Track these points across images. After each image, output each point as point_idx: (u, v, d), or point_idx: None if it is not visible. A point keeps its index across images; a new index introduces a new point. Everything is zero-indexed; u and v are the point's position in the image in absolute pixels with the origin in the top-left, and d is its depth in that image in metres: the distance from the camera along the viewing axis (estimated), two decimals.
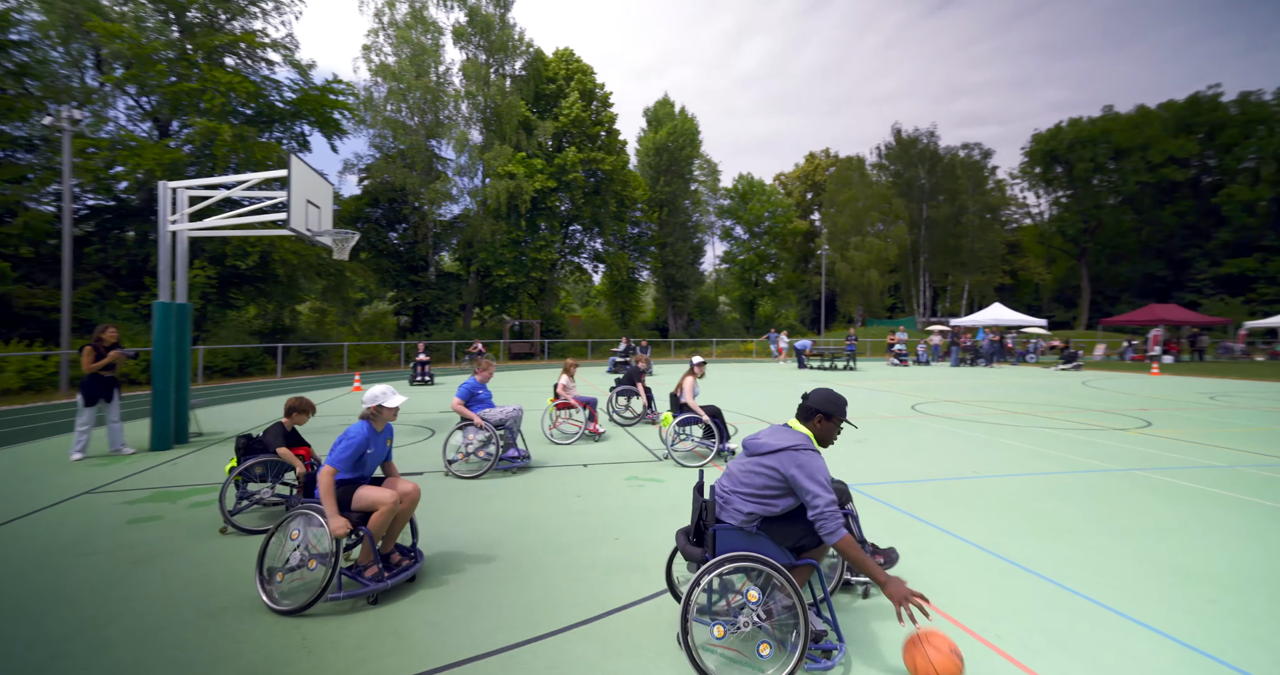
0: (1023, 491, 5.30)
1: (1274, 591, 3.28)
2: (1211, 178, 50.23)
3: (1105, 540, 4.07)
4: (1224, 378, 18.23)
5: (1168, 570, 3.56)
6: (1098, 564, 3.64)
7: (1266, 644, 2.70)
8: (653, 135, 40.47)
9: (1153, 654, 2.62)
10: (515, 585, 3.30)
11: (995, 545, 3.93)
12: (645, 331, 40.99)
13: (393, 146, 25.81)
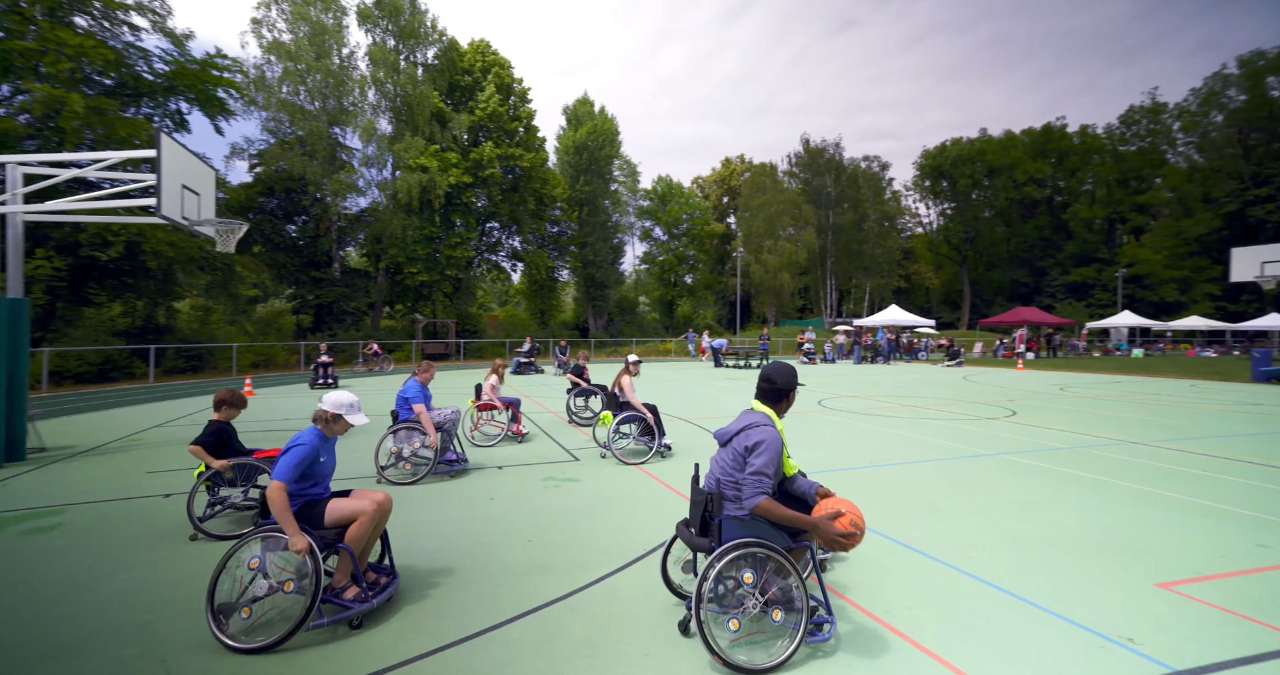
0: (909, 477, 5.83)
1: (1094, 551, 3.83)
2: (1061, 197, 57.65)
3: (972, 516, 4.57)
4: (1070, 371, 20.99)
5: (1012, 538, 4.06)
6: (963, 538, 4.07)
7: (1085, 596, 3.16)
8: (572, 134, 40.22)
9: (1008, 615, 2.98)
10: (416, 593, 3.18)
11: (883, 527, 4.29)
12: (565, 331, 40.63)
13: (290, 132, 23.72)
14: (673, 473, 5.93)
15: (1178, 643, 2.70)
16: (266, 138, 24.45)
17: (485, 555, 3.73)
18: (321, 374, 14.00)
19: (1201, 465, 6.36)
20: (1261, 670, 2.50)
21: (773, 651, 2.56)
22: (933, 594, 3.21)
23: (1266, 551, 3.87)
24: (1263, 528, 4.34)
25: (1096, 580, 3.37)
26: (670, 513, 4.57)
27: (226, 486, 4.23)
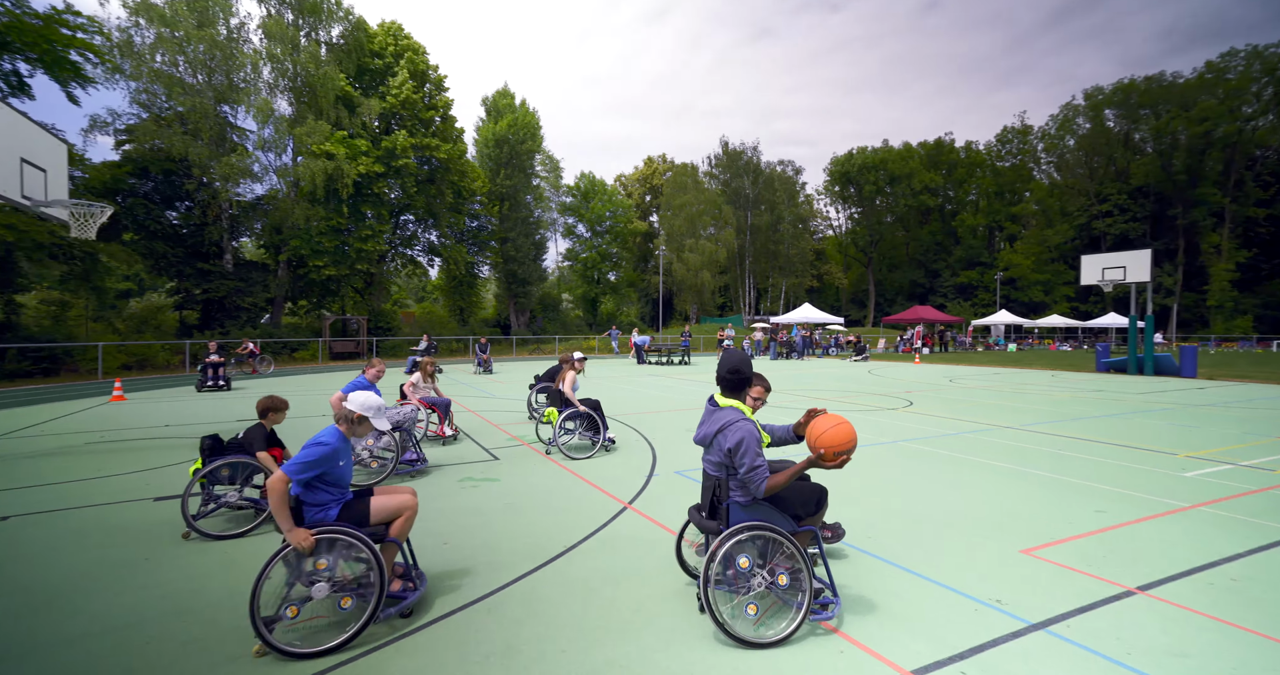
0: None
1: (973, 525, 4.29)
2: (951, 206, 63.47)
3: (874, 498, 4.95)
4: (959, 365, 23.20)
5: (907, 517, 4.46)
6: (865, 519, 4.41)
7: (965, 565, 3.54)
8: (492, 126, 39.05)
9: (902, 588, 3.28)
10: None
11: None
12: (486, 328, 39.46)
13: (167, 107, 21.13)
14: (598, 470, 5.94)
15: (1035, 600, 3.08)
16: (138, 112, 21.64)
17: None
18: (211, 375, 12.70)
19: (1057, 445, 7.26)
20: (1096, 615, 2.91)
21: (778, 628, 2.73)
22: (840, 575, 3.45)
23: (1102, 515, 4.49)
24: (1100, 496, 5.03)
25: (974, 551, 3.77)
26: (589, 511, 4.59)
27: (223, 484, 4.24)
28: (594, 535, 4.03)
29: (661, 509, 4.64)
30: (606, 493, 5.10)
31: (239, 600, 2.94)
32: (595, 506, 4.70)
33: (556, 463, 6.25)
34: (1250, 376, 16.70)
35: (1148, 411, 10.24)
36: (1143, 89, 51.25)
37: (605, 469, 5.98)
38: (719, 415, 2.92)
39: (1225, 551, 3.78)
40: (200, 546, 3.87)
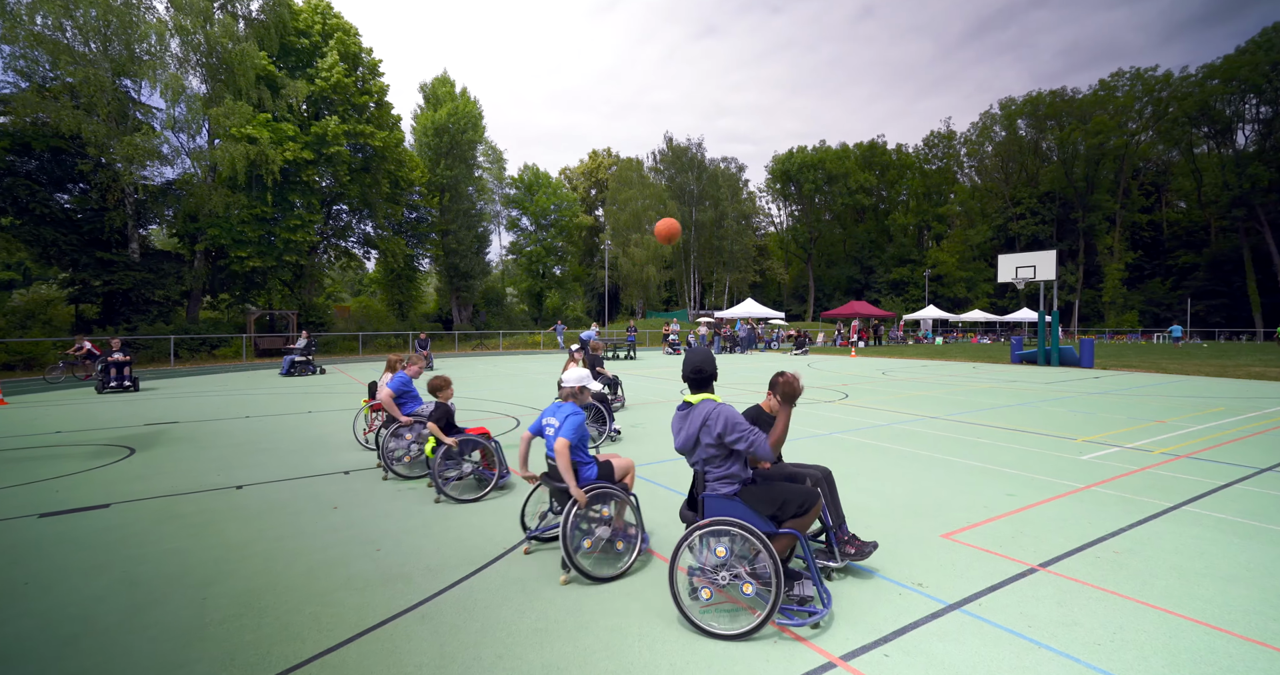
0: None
1: (900, 512, 4.55)
2: (884, 206, 66.68)
3: None
4: (891, 357, 24.46)
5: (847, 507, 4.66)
6: None
7: (892, 552, 3.75)
8: (431, 114, 37.64)
9: (837, 576, 3.42)
10: (234, 623, 2.80)
11: None
12: (427, 323, 38.14)
13: (52, 77, 18.89)
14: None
15: (953, 582, 3.29)
16: (15, 80, 19.26)
17: (324, 572, 3.40)
18: (114, 375, 11.61)
19: (976, 433, 7.79)
20: (1005, 593, 3.15)
21: (738, 622, 2.79)
22: None
23: (1013, 498, 4.87)
24: (1011, 480, 5.45)
25: (900, 537, 3.99)
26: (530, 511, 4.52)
27: (456, 458, 4.92)
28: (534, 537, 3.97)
29: None
30: None
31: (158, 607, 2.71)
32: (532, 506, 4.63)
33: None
34: (1135, 366, 18.52)
35: (1053, 400, 11.16)
36: (1048, 102, 55.55)
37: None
38: (696, 412, 2.96)
39: (1111, 526, 4.18)
40: (105, 555, 3.54)
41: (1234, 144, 50.91)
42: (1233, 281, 49.45)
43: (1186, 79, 50.34)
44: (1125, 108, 52.33)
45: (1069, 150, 53.92)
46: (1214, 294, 50.26)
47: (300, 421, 8.58)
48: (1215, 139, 51.77)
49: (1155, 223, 55.67)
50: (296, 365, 15.92)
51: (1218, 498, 4.94)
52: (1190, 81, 49.99)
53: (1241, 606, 3.02)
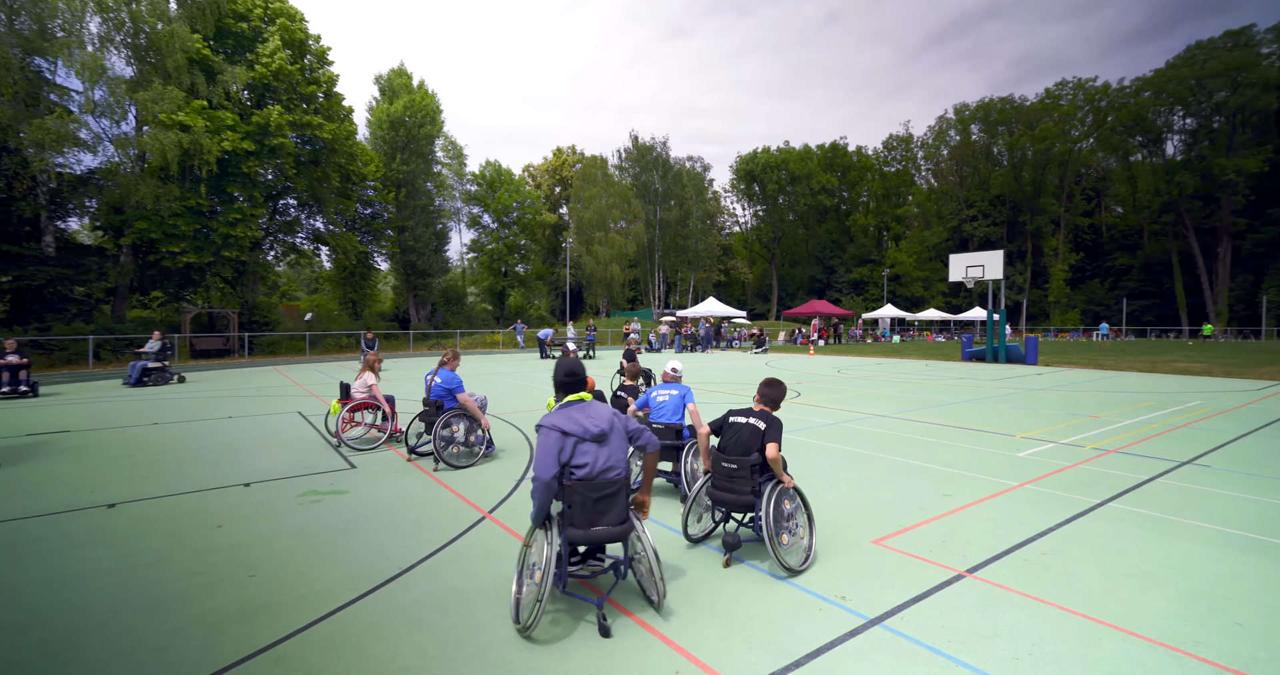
0: None
1: (834, 517, 4.40)
2: (845, 206, 68.09)
3: None
4: (848, 356, 24.82)
5: None
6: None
7: (820, 562, 3.57)
8: (386, 106, 36.41)
9: (756, 592, 3.21)
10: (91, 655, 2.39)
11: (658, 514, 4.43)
12: (383, 322, 36.93)
13: None
14: (465, 476, 5.52)
15: (876, 593, 3.13)
16: None
17: (176, 605, 2.97)
18: (9, 380, 10.58)
19: (921, 431, 7.79)
20: (928, 604, 3.00)
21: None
22: (694, 580, 3.33)
23: (949, 499, 4.79)
24: (950, 480, 5.39)
25: (831, 544, 3.82)
26: (440, 525, 4.17)
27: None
28: (437, 553, 3.65)
29: (522, 517, 4.34)
30: (467, 501, 4.71)
31: None
32: (448, 518, 4.30)
33: (423, 469, 5.75)
34: (1075, 363, 19.25)
35: (998, 397, 11.38)
36: (999, 108, 57.71)
37: (474, 474, 5.57)
38: (595, 409, 3.04)
39: (1040, 526, 4.12)
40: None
41: (1164, 153, 53.93)
42: (1163, 282, 52.38)
43: (1122, 90, 53.09)
44: (1069, 116, 54.81)
45: (1018, 155, 56.12)
46: (1147, 294, 53.16)
47: (217, 427, 7.97)
48: (1148, 148, 54.74)
49: (1095, 226, 58.50)
50: (150, 373, 13.18)
51: (1141, 493, 4.98)
52: (1125, 93, 52.74)
53: (1159, 608, 2.95)
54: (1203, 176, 47.61)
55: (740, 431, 3.68)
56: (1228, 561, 3.54)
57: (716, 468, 3.65)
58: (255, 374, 16.61)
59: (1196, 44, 49.62)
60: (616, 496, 2.87)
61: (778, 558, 3.30)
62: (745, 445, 3.60)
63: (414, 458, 6.15)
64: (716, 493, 3.64)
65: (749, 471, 3.50)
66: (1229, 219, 47.46)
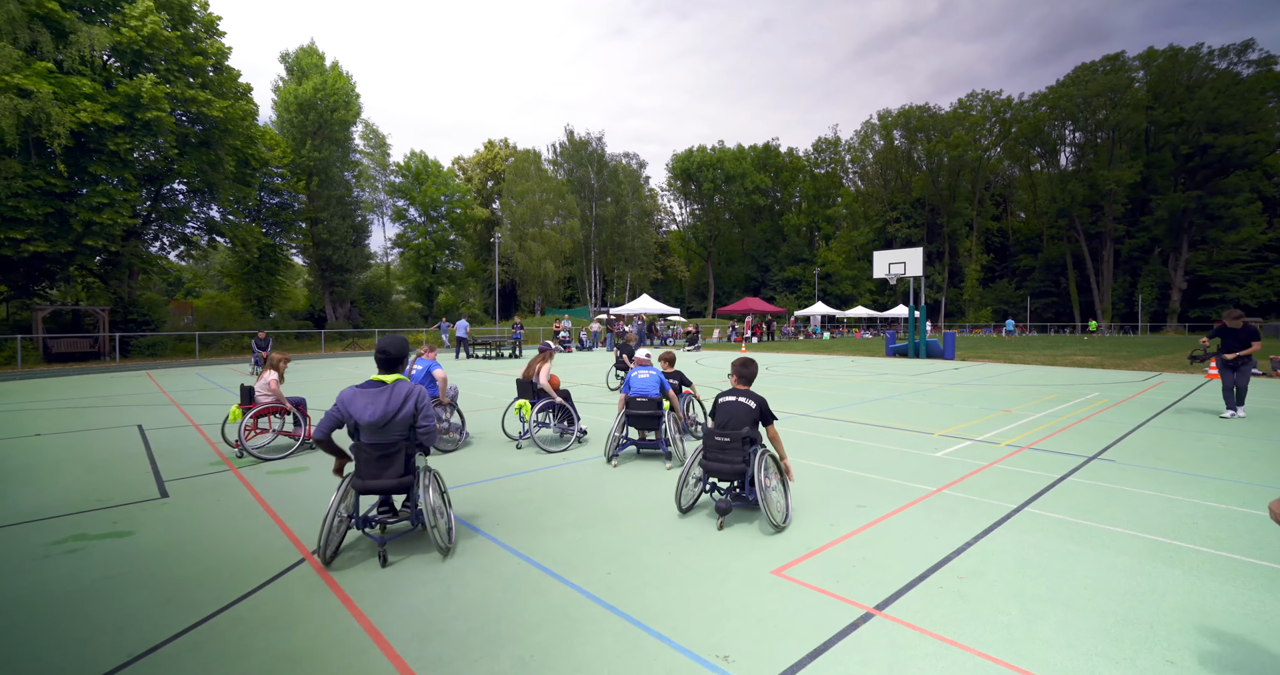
0: (572, 480, 5.50)
1: (730, 540, 3.82)
2: (779, 207, 69.79)
3: (633, 521, 4.31)
4: (779, 352, 24.99)
5: (660, 539, 3.87)
6: (614, 548, 3.71)
7: (702, 602, 2.96)
8: (294, 87, 33.58)
9: (616, 652, 2.54)
10: None
11: (521, 543, 3.69)
12: (295, 321, 34.08)
13: None
14: (303, 492, 4.55)
15: (767, 647, 2.54)
16: None
17: None
18: None
19: (841, 431, 7.46)
20: (828, 659, 2.43)
21: None
22: (531, 622, 2.62)
23: (863, 512, 4.33)
24: (865, 487, 4.97)
25: (724, 579, 3.22)
26: (242, 576, 3.23)
27: None
28: (197, 627, 2.71)
29: (358, 552, 3.48)
30: (291, 536, 3.79)
31: None
32: (250, 566, 3.35)
33: (254, 490, 4.73)
34: (988, 357, 20.13)
35: (918, 392, 11.41)
36: (918, 115, 60.84)
37: (314, 488, 4.61)
38: (397, 389, 3.40)
39: (956, 541, 3.71)
40: None
41: (1058, 164, 58.72)
42: (1060, 282, 56.95)
43: (1022, 104, 57.26)
44: (978, 125, 58.51)
45: (935, 161, 59.35)
46: (1047, 293, 57.63)
47: (8, 449, 6.50)
48: (1045, 158, 59.37)
49: (1004, 230, 62.88)
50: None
51: (1055, 495, 4.74)
52: (1025, 106, 56.91)
53: (1085, 646, 2.52)
54: (1089, 186, 52.09)
55: (732, 409, 4.14)
56: (1146, 575, 3.23)
57: (709, 441, 4.07)
58: (119, 380, 14.48)
59: (1081, 65, 54.25)
60: (395, 456, 3.41)
61: (768, 514, 3.83)
62: (739, 421, 4.07)
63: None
64: (710, 463, 4.06)
65: (740, 443, 3.99)
66: (1111, 225, 52.15)
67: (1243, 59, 48.17)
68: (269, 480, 5.18)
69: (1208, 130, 47.09)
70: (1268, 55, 47.44)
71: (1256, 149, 46.41)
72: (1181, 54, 49.53)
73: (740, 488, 4.12)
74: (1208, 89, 47.47)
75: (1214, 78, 48.09)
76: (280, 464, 5.82)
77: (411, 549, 3.57)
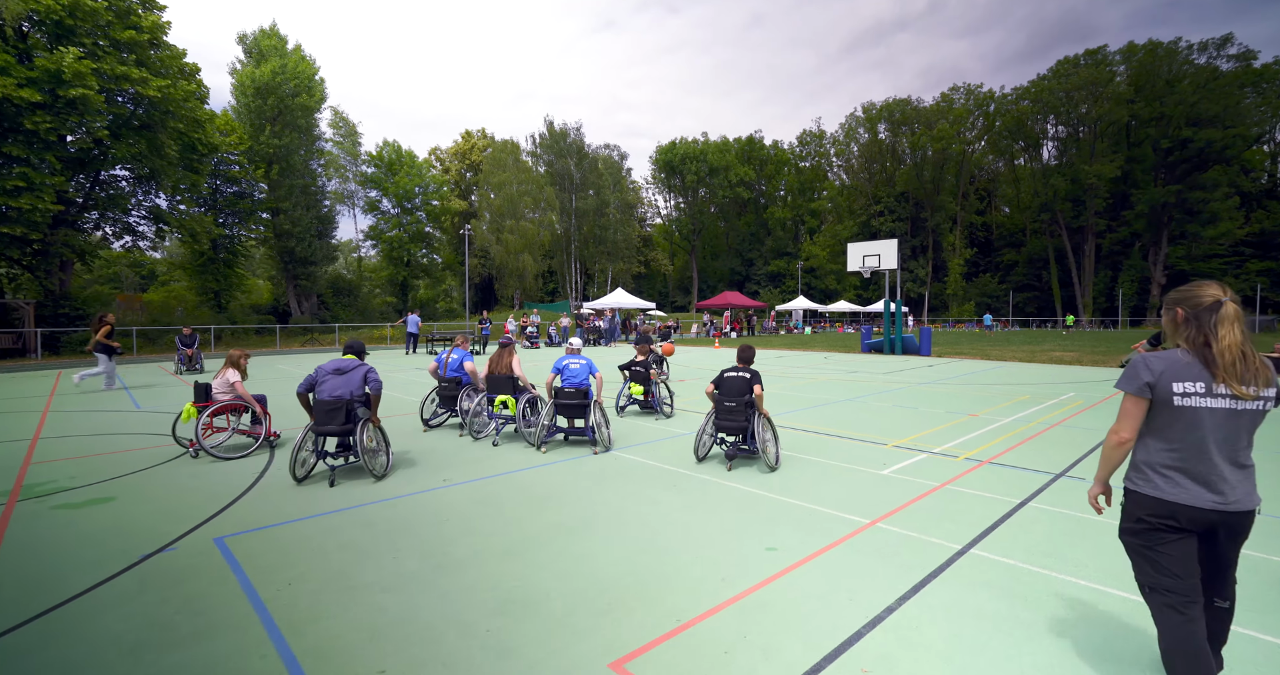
0: (493, 494, 4.61)
1: (579, 603, 2.96)
2: (764, 200, 68.99)
3: (469, 574, 3.44)
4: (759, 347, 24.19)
5: (493, 603, 3.00)
6: (399, 612, 2.84)
7: None
8: (252, 70, 32.06)
9: None
10: None
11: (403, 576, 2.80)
12: (256, 316, 32.72)
13: None
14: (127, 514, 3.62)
15: None
16: None
17: None
18: None
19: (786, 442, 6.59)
20: None
21: None
22: None
23: (770, 557, 3.48)
24: (786, 518, 4.13)
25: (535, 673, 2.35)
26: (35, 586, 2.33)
27: None
28: None
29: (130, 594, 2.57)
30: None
31: None
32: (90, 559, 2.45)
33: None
34: (966, 353, 19.50)
35: (884, 392, 10.66)
36: (901, 109, 60.24)
37: (172, 501, 3.69)
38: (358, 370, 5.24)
39: (875, 604, 2.87)
40: None
41: (1041, 158, 58.46)
42: (1042, 277, 56.86)
43: (1005, 98, 56.86)
44: (962, 119, 58.04)
45: (919, 154, 58.81)
46: (1030, 288, 57.55)
47: None
48: (1029, 152, 59.10)
49: (988, 224, 62.65)
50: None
51: (1010, 528, 3.94)
52: (1008, 100, 56.53)
53: None
54: (1071, 180, 51.86)
55: (734, 382, 5.46)
56: (1114, 657, 2.42)
57: (720, 407, 5.41)
58: (26, 381, 13.31)
59: (1064, 59, 53.91)
60: (339, 411, 4.98)
61: (765, 459, 5.24)
62: (740, 389, 5.39)
63: None
64: (721, 422, 5.42)
65: (742, 407, 5.30)
66: (1092, 219, 52.03)
67: (1222, 53, 48.07)
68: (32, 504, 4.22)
69: (1187, 124, 46.96)
70: (1246, 50, 47.37)
71: (1234, 143, 46.39)
72: (1161, 48, 49.31)
73: (743, 441, 5.42)
74: (1187, 83, 47.32)
75: (1193, 72, 47.96)
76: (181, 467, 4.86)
77: (358, 475, 5.24)
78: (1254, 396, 1.90)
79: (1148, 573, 2.08)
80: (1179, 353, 2.01)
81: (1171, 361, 2.00)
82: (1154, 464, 2.06)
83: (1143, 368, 2.03)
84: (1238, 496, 1.95)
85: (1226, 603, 2.10)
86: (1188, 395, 1.95)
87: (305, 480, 4.96)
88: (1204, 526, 1.99)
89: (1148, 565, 2.08)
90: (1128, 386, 2.07)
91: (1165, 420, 2.02)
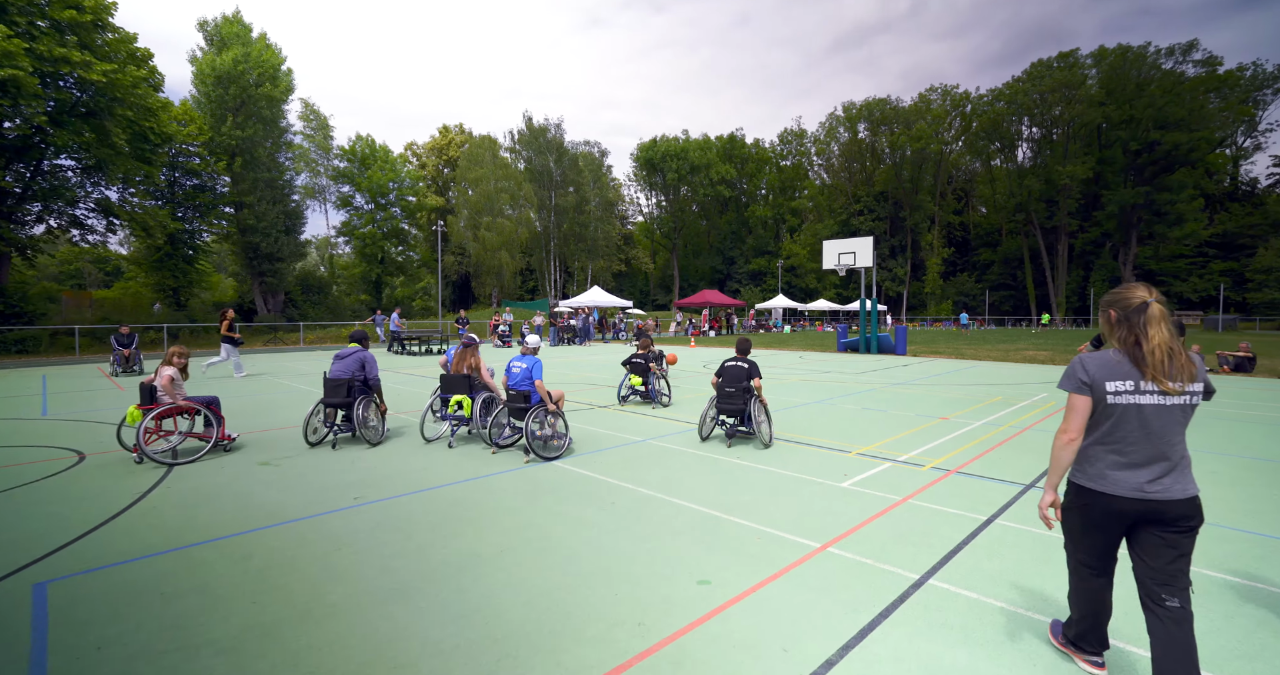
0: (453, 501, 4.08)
1: (470, 658, 2.46)
2: (745, 198, 68.90)
3: (343, 619, 2.92)
4: (725, 348, 23.84)
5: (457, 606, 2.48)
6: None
7: None
8: (212, 57, 30.82)
9: None
10: None
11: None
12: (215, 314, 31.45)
13: None
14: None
15: None
16: None
17: None
18: None
19: (742, 451, 6.18)
20: None
21: None
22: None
23: (702, 592, 3.02)
24: (729, 542, 3.67)
25: None
26: None
27: None
28: None
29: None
30: None
31: None
32: None
33: None
34: (941, 352, 19.37)
35: (855, 394, 10.32)
36: (880, 108, 60.52)
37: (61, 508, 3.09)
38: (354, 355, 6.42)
39: (815, 655, 2.43)
40: None
41: (1016, 159, 59.21)
42: (1017, 276, 57.64)
43: (981, 99, 57.46)
44: (940, 119, 58.50)
45: (898, 154, 59.14)
46: (1006, 287, 58.28)
47: None
48: (1004, 153, 59.80)
49: (965, 224, 63.28)
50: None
51: (974, 550, 3.54)
52: (984, 101, 57.13)
53: None
54: (1045, 181, 52.59)
55: (734, 370, 6.29)
56: None
57: (721, 392, 6.29)
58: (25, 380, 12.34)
59: (1037, 62, 54.67)
60: (341, 387, 6.22)
61: (760, 437, 6.16)
62: (739, 377, 6.24)
63: None
64: (722, 405, 6.29)
65: (741, 392, 6.19)
66: (1065, 220, 52.83)
67: (1188, 59, 49.10)
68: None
69: (1155, 127, 47.84)
70: (1210, 56, 48.44)
71: (1199, 146, 47.40)
72: (1131, 51, 50.18)
73: (741, 422, 6.26)
74: (1156, 87, 48.22)
75: (1160, 76, 48.91)
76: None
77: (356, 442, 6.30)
78: (1180, 392, 2.01)
79: (1072, 548, 2.33)
80: (1112, 353, 2.13)
81: (1104, 361, 2.11)
82: (1089, 456, 2.18)
83: (1079, 368, 2.15)
84: (1164, 486, 2.04)
85: (1175, 601, 2.05)
86: (1119, 393, 2.06)
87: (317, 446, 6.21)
88: (1133, 515, 2.09)
89: (1073, 543, 2.31)
90: (1068, 386, 2.18)
91: (1099, 416, 2.13)
